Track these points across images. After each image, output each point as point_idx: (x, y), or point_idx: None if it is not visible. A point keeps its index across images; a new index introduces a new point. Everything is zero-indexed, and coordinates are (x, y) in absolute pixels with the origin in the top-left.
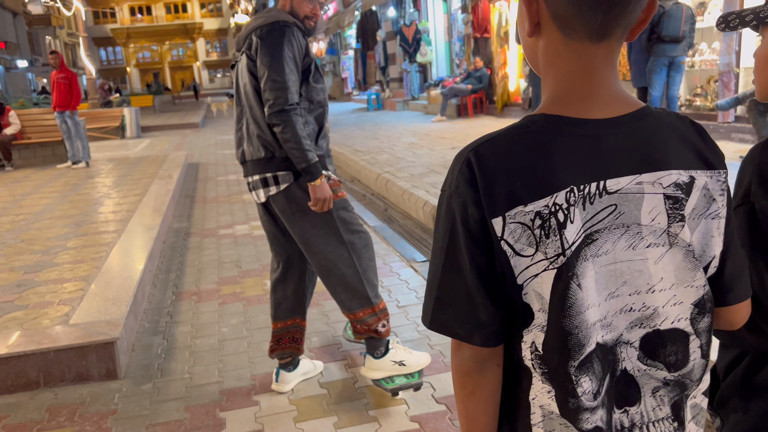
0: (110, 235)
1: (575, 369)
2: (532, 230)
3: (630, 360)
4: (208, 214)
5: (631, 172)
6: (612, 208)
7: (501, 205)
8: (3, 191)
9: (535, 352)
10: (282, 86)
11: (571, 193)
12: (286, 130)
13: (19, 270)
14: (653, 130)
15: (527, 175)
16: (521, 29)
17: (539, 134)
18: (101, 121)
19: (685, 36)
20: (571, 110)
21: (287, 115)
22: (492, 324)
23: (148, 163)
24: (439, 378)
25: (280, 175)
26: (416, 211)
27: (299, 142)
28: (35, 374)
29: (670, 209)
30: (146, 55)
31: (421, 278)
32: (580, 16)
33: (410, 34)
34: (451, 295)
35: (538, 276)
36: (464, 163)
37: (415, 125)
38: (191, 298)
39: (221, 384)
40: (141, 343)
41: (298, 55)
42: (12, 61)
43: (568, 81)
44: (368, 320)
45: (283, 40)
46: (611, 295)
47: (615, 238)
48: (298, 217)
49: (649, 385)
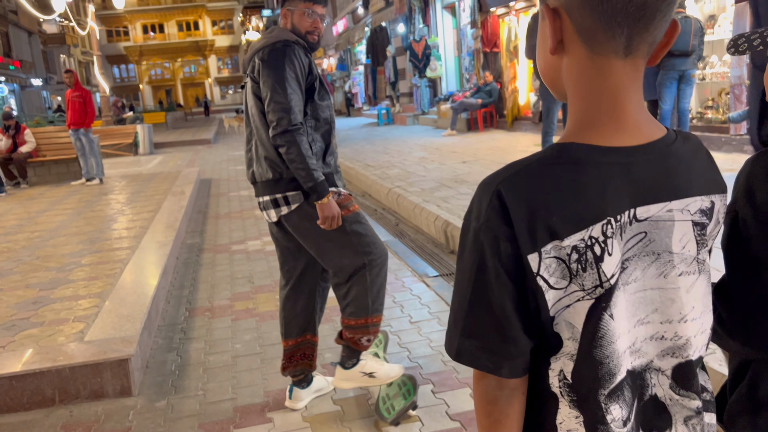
0: (124, 251)
1: (605, 397)
2: (567, 264)
3: (661, 387)
4: (220, 229)
5: (662, 200)
6: (642, 236)
7: (537, 241)
8: (19, 208)
9: (563, 380)
10: (285, 107)
11: (608, 225)
12: (291, 151)
13: (35, 287)
14: (680, 156)
15: (562, 208)
16: (542, 48)
17: (571, 165)
18: (115, 138)
19: (695, 49)
20: (601, 137)
21: (291, 135)
22: (521, 355)
23: (161, 180)
24: (454, 394)
25: (290, 196)
26: (427, 226)
27: (305, 162)
28: (51, 391)
29: (698, 236)
30: (159, 72)
31: (433, 293)
32: (606, 30)
33: (420, 49)
34: (479, 327)
35: (571, 306)
36: (494, 196)
37: (426, 140)
38: (204, 314)
39: (235, 401)
40: (155, 359)
41: (300, 74)
42: (27, 79)
43: (595, 101)
44: (358, 329)
45: (285, 61)
46: (640, 321)
47: (645, 265)
48: (313, 233)
49: (681, 414)
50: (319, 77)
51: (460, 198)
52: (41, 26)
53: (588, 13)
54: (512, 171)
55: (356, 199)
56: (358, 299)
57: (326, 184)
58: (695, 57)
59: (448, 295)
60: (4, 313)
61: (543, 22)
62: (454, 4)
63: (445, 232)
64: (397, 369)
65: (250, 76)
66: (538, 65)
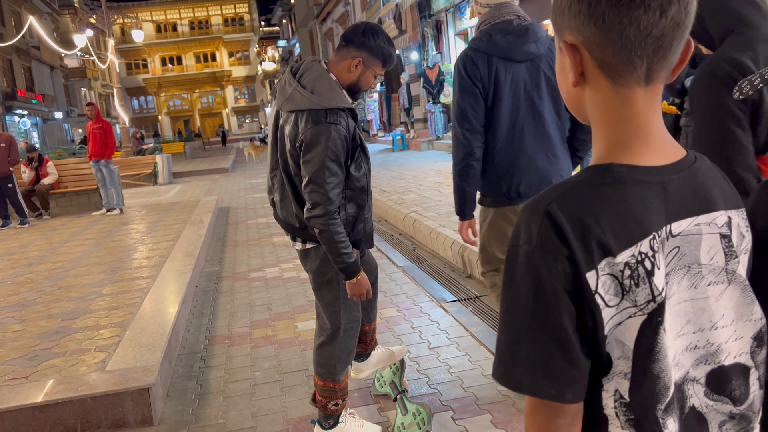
0: (144, 281)
1: (662, 412)
2: (620, 281)
3: (697, 396)
4: (239, 257)
5: (691, 215)
6: (676, 251)
7: (593, 258)
8: (41, 239)
9: (620, 400)
10: (323, 195)
11: (654, 240)
12: (324, 236)
13: (57, 317)
14: (703, 174)
15: (612, 225)
16: (563, 80)
17: (616, 185)
18: (134, 168)
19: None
20: (636, 158)
21: (325, 223)
22: (583, 378)
23: (180, 209)
24: (474, 421)
25: (310, 248)
26: (444, 250)
27: (336, 248)
28: (73, 422)
29: (726, 247)
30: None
31: (451, 318)
32: (627, 63)
33: (433, 75)
34: (541, 354)
35: (622, 324)
36: (545, 217)
37: (440, 164)
38: (224, 342)
39: (255, 429)
40: (175, 388)
41: (342, 150)
42: (49, 112)
43: (624, 127)
44: (325, 392)
45: (328, 143)
46: (678, 334)
47: (679, 278)
48: (314, 281)
49: (716, 420)
50: (360, 144)
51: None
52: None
53: (608, 50)
54: (559, 192)
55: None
56: (326, 361)
57: (357, 265)
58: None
59: (466, 320)
60: (27, 343)
61: (561, 55)
62: (466, 31)
63: (462, 256)
64: (377, 429)
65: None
66: (562, 95)
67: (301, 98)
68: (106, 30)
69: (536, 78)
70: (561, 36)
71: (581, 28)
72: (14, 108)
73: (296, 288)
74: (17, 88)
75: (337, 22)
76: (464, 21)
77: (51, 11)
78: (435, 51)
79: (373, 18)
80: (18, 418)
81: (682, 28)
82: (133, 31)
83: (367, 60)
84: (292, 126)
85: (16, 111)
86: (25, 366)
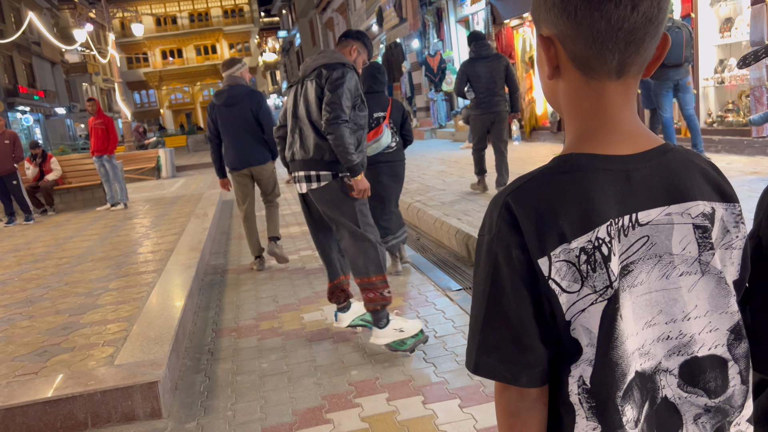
0: (150, 275)
1: (620, 399)
2: (577, 267)
3: (670, 387)
4: (243, 250)
5: (660, 204)
6: (645, 240)
7: (545, 245)
8: (46, 235)
9: (582, 386)
10: (338, 107)
11: (610, 226)
12: (338, 138)
13: (65, 312)
14: (677, 163)
15: (567, 213)
16: (541, 72)
17: (573, 173)
18: (137, 162)
19: (687, 60)
20: (599, 147)
21: (339, 127)
22: (539, 364)
23: (184, 202)
24: (480, 408)
25: (322, 175)
26: (449, 240)
27: (347, 148)
28: (83, 416)
29: (700, 238)
30: (179, 96)
31: (457, 307)
32: (598, 57)
33: (435, 63)
34: (496, 338)
35: (585, 310)
36: (503, 207)
37: (444, 153)
38: (231, 335)
39: (263, 421)
40: (184, 381)
41: (353, 90)
42: (51, 108)
43: (592, 119)
44: (378, 285)
45: (345, 78)
46: (648, 324)
47: (648, 268)
48: (332, 206)
49: (690, 413)
50: (361, 96)
51: (481, 211)
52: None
53: (580, 43)
54: (519, 183)
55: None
56: (371, 257)
57: (361, 166)
58: (687, 65)
59: None
60: (36, 339)
61: (540, 51)
62: (467, 18)
63: (466, 245)
64: (419, 323)
65: (317, 81)
66: (541, 86)
67: (332, 56)
68: (106, 24)
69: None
70: (538, 29)
71: (555, 22)
72: (16, 104)
73: (301, 279)
74: (19, 85)
75: (337, 11)
76: (465, 8)
77: (50, 6)
78: (436, 39)
79: (373, 6)
80: (28, 413)
81: (654, 23)
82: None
83: (361, 48)
84: (316, 82)
85: (18, 107)
86: (34, 362)
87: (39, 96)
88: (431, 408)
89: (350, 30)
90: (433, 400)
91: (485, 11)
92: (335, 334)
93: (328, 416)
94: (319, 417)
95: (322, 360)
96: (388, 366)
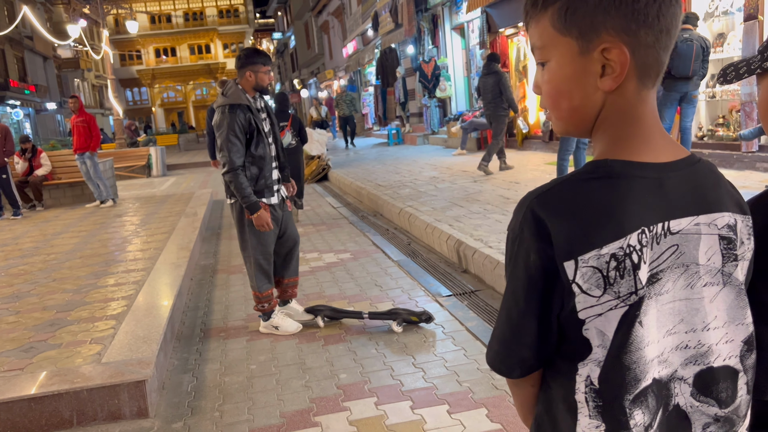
0: (139, 273)
1: (630, 402)
2: (604, 273)
3: (683, 396)
4: (233, 250)
5: (690, 214)
6: (674, 248)
7: (573, 249)
8: (35, 231)
9: (590, 386)
10: (226, 155)
11: (642, 234)
12: (232, 184)
13: (52, 309)
14: (704, 175)
15: (599, 218)
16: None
17: (607, 179)
18: (128, 160)
19: (695, 73)
20: (634, 154)
21: (231, 174)
22: (534, 359)
23: (175, 201)
24: (469, 415)
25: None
26: (440, 245)
27: (241, 191)
28: (68, 414)
29: (725, 249)
30: (171, 94)
31: (447, 313)
32: (662, 64)
33: (429, 70)
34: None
35: (603, 315)
36: (528, 210)
37: (436, 159)
38: (219, 335)
39: (251, 422)
40: (171, 381)
41: (240, 127)
42: (42, 103)
43: (630, 126)
44: (255, 298)
45: (225, 122)
46: (669, 332)
47: (675, 277)
48: (235, 221)
49: (700, 422)
50: (256, 128)
51: (472, 217)
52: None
53: (653, 51)
54: (548, 187)
55: (368, 219)
56: (249, 275)
57: (258, 205)
58: (697, 79)
59: (462, 315)
60: (22, 335)
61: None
62: (462, 26)
63: (457, 251)
64: (296, 327)
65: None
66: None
67: (220, 97)
68: (100, 21)
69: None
70: (590, 37)
71: (631, 29)
72: (6, 98)
73: None
74: (10, 79)
75: (333, 14)
76: (460, 15)
77: (44, 1)
78: (431, 45)
79: (369, 11)
80: (13, 409)
81: None
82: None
83: (252, 69)
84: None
85: (9, 101)
86: (20, 358)
87: (30, 90)
88: (420, 413)
89: (238, 56)
90: (422, 405)
91: (480, 19)
92: (324, 337)
93: (316, 419)
94: (307, 420)
95: (311, 363)
96: (377, 370)
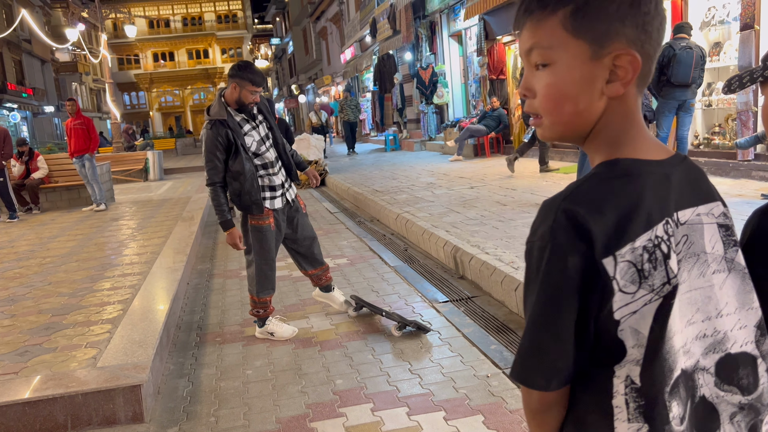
0: (135, 277)
1: (668, 395)
2: (639, 267)
3: (707, 386)
4: (230, 254)
5: (691, 205)
6: (685, 239)
7: (611, 244)
8: (31, 234)
9: (631, 386)
10: (207, 171)
11: (667, 224)
12: (211, 198)
13: (47, 312)
14: (695, 169)
15: (628, 213)
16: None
17: (625, 176)
18: (126, 164)
19: (694, 81)
20: (638, 152)
21: (211, 188)
22: (568, 368)
23: (171, 205)
24: (465, 422)
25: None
26: (437, 251)
27: (218, 207)
28: (63, 418)
29: (724, 236)
30: (169, 99)
31: (443, 319)
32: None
33: (427, 76)
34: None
35: (637, 312)
36: (560, 212)
37: (433, 165)
38: (215, 340)
39: (246, 428)
40: (167, 385)
41: (220, 143)
42: (39, 106)
43: (629, 128)
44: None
45: (206, 139)
46: (689, 322)
47: (689, 266)
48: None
49: (726, 411)
50: (236, 143)
51: (469, 223)
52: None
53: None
54: (572, 188)
55: (365, 224)
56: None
57: (230, 223)
58: (695, 87)
59: (458, 321)
60: (17, 339)
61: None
62: (460, 33)
63: (454, 257)
64: (291, 330)
65: None
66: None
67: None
68: (99, 24)
69: None
70: (604, 43)
71: (640, 39)
72: (4, 101)
73: (288, 286)
74: (7, 82)
75: (331, 21)
76: (458, 22)
77: (43, 4)
78: (429, 52)
79: (367, 18)
80: (7, 413)
81: None
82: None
83: (239, 83)
84: None
85: (6, 104)
86: (14, 361)
87: (27, 93)
88: (416, 419)
89: (234, 65)
90: (418, 411)
91: (478, 27)
92: (321, 342)
93: (312, 425)
94: (303, 425)
95: (307, 368)
96: (374, 376)
